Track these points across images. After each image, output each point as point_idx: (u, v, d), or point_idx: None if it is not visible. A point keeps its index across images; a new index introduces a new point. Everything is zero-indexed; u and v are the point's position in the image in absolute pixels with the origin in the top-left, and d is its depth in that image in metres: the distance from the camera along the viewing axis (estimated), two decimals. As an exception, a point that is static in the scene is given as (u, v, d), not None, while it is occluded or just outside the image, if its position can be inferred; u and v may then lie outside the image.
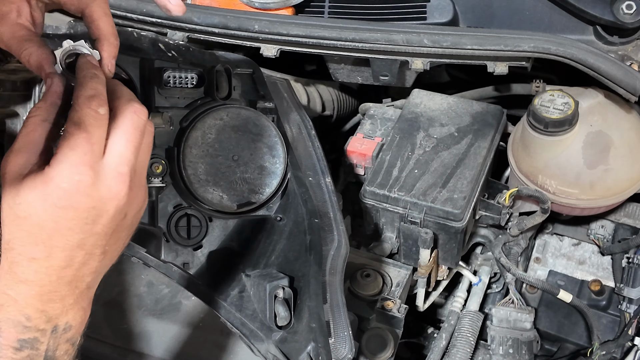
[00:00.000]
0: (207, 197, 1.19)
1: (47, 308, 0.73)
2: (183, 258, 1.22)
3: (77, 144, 0.72)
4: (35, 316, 0.73)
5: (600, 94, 1.47)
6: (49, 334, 0.74)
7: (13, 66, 1.14)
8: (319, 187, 1.22)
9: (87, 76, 0.79)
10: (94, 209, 0.73)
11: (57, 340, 0.75)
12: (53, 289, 0.73)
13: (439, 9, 1.52)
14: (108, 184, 0.74)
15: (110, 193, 0.75)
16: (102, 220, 0.75)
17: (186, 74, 1.21)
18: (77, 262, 0.75)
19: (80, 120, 0.74)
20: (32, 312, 0.72)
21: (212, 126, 1.19)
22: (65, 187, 0.71)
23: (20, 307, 0.72)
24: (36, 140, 0.75)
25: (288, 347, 1.14)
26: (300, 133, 1.25)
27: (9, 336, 0.72)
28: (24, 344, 0.72)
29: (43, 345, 0.73)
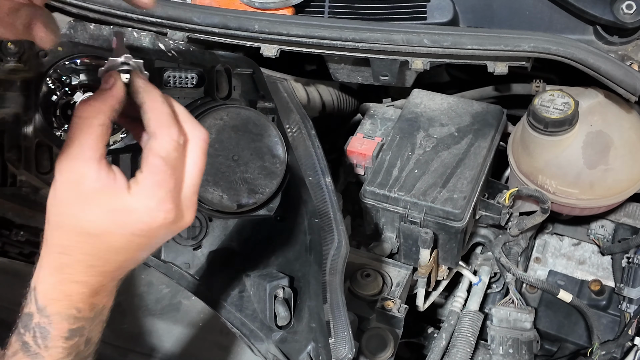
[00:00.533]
0: (207, 197, 1.19)
1: (94, 300, 0.78)
2: (183, 258, 1.23)
3: (163, 181, 0.74)
4: (85, 308, 0.77)
5: (600, 94, 1.47)
6: (91, 320, 0.79)
7: (13, 66, 1.14)
8: (319, 187, 1.23)
9: (156, 100, 0.77)
10: (164, 237, 0.79)
11: (96, 322, 0.80)
12: (102, 286, 0.78)
13: (439, 8, 1.52)
14: (184, 216, 0.78)
15: (182, 223, 0.78)
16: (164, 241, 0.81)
17: (186, 74, 1.21)
18: (126, 267, 0.80)
19: (165, 153, 0.74)
20: (83, 305, 0.76)
21: (212, 126, 1.19)
22: (148, 222, 0.74)
23: (73, 302, 0.76)
24: (94, 145, 0.73)
25: (288, 347, 1.14)
26: (300, 133, 1.25)
27: (61, 327, 0.76)
28: (73, 334, 0.77)
29: (86, 330, 0.78)
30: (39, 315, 0.76)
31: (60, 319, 0.76)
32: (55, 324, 0.76)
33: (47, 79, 1.18)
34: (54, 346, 0.76)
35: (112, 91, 0.75)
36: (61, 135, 1.19)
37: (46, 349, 0.76)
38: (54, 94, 1.19)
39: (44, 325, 0.75)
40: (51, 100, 1.19)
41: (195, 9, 1.48)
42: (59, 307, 0.75)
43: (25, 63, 1.14)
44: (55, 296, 0.75)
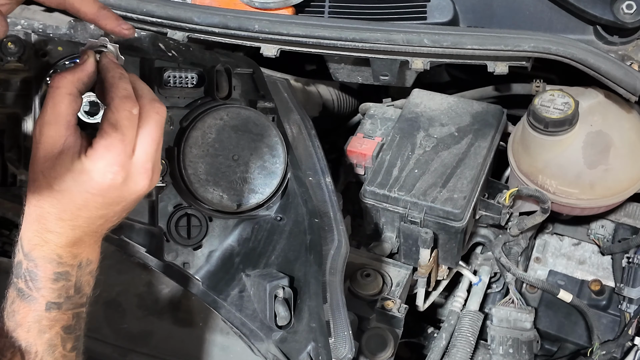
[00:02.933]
0: (207, 197, 1.19)
1: (73, 250, 0.87)
2: (183, 258, 1.22)
3: (112, 145, 0.84)
4: (65, 255, 0.86)
5: (601, 94, 1.47)
6: (76, 268, 0.87)
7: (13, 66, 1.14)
8: (319, 186, 1.22)
9: (115, 76, 0.88)
10: (119, 197, 0.87)
11: (82, 273, 0.89)
12: (77, 239, 0.87)
13: (439, 8, 1.52)
14: (135, 180, 0.87)
15: (136, 187, 0.88)
16: (124, 203, 0.89)
17: (186, 74, 1.21)
18: (97, 224, 0.89)
19: (116, 121, 0.85)
20: (63, 252, 0.86)
21: (212, 126, 1.19)
22: (99, 181, 0.84)
23: (52, 248, 0.85)
24: (63, 112, 0.85)
25: (288, 346, 1.14)
26: (300, 133, 1.25)
27: (47, 270, 0.85)
28: (59, 276, 0.86)
29: (73, 277, 0.87)
30: (26, 261, 0.85)
31: (44, 262, 0.85)
32: (41, 267, 0.85)
33: (47, 78, 1.18)
34: (44, 287, 0.84)
35: (82, 66, 0.89)
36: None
37: (37, 290, 0.84)
38: (54, 94, 1.19)
39: (32, 269, 0.85)
40: (51, 100, 1.19)
41: (195, 9, 1.48)
42: (42, 252, 0.85)
43: (25, 63, 1.14)
44: (37, 242, 0.85)
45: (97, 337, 1.41)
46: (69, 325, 0.87)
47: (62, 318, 0.86)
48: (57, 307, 0.86)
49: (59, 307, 0.86)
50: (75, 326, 0.89)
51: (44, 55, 1.17)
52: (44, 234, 0.85)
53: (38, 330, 0.85)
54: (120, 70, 0.90)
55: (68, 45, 1.19)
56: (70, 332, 0.88)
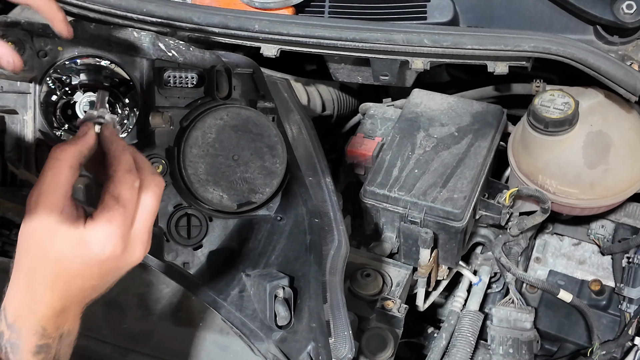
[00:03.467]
0: (207, 197, 1.19)
1: (57, 320, 0.85)
2: (183, 258, 1.22)
3: (114, 217, 0.84)
4: (50, 327, 0.84)
5: (601, 94, 1.47)
6: (58, 340, 0.85)
7: (13, 66, 1.14)
8: (319, 186, 1.23)
9: (118, 149, 0.89)
10: (115, 268, 0.87)
11: (62, 344, 0.86)
12: (64, 309, 0.85)
13: (439, 8, 1.52)
14: (132, 251, 0.87)
15: (132, 258, 0.88)
16: (117, 274, 0.89)
17: (186, 74, 1.21)
18: (86, 295, 0.88)
19: (118, 195, 0.85)
20: (47, 324, 0.83)
21: (212, 126, 1.19)
22: (98, 253, 0.83)
23: (38, 319, 0.83)
24: (62, 183, 0.84)
25: (288, 346, 1.14)
26: (300, 133, 1.25)
27: (30, 342, 0.83)
28: (41, 349, 0.83)
29: (53, 349, 0.85)
30: (9, 332, 0.83)
31: (27, 334, 0.82)
32: (23, 339, 0.82)
33: (47, 78, 1.18)
34: (24, 358, 0.83)
35: (84, 139, 0.88)
36: (61, 135, 1.19)
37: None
38: (54, 94, 1.19)
39: (14, 340, 0.82)
40: (51, 100, 1.19)
41: (195, 9, 1.48)
42: (27, 323, 0.83)
43: (25, 63, 1.14)
44: (22, 313, 0.83)
45: (97, 337, 1.41)
46: None
47: None
48: None
49: None
50: None
51: (44, 55, 1.17)
52: (32, 304, 0.83)
53: None
54: (122, 143, 0.90)
55: (68, 45, 1.19)
56: None
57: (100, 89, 1.20)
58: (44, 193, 0.83)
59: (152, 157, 1.20)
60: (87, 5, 1.46)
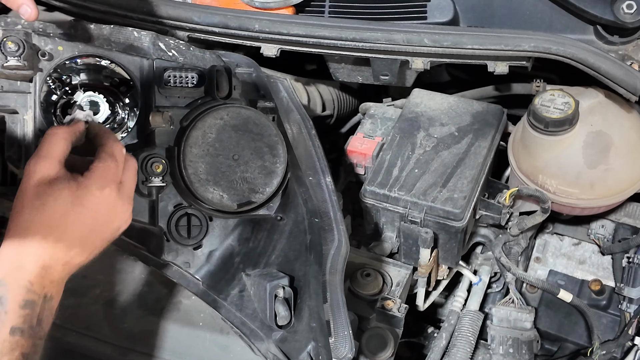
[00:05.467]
0: (207, 197, 1.19)
1: (43, 280, 0.92)
2: (183, 257, 1.22)
3: (109, 167, 1.00)
4: (36, 284, 0.91)
5: (601, 94, 1.47)
6: (42, 300, 0.91)
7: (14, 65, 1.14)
8: (319, 186, 1.22)
9: (107, 130, 1.09)
10: (107, 217, 0.99)
11: (45, 306, 0.92)
12: (51, 266, 0.93)
13: (439, 8, 1.52)
14: (122, 206, 1.01)
15: (122, 214, 1.02)
16: (107, 227, 1.00)
17: (186, 74, 1.21)
18: (75, 252, 0.96)
19: (112, 152, 1.01)
20: (35, 279, 0.91)
21: (213, 125, 1.19)
22: (97, 195, 0.97)
23: (26, 275, 0.90)
24: (58, 150, 0.98)
25: (288, 346, 1.14)
26: (300, 132, 1.25)
27: (17, 295, 0.89)
28: (27, 304, 0.89)
29: (38, 307, 0.91)
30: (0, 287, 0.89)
31: (16, 288, 0.89)
32: (12, 293, 0.89)
33: (47, 78, 1.18)
34: (12, 311, 0.88)
35: (76, 124, 1.06)
36: (61, 135, 1.20)
37: (5, 314, 0.88)
38: (54, 94, 1.19)
39: (3, 294, 0.88)
40: (51, 99, 1.19)
41: (195, 9, 1.48)
42: (15, 278, 0.89)
43: (25, 62, 1.14)
44: (12, 271, 0.90)
45: (97, 337, 1.41)
46: (27, 353, 0.89)
47: (23, 345, 0.88)
48: (21, 333, 0.88)
49: (22, 333, 0.88)
50: (33, 355, 0.90)
51: (44, 55, 1.17)
52: (22, 260, 0.91)
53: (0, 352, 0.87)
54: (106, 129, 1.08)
55: (68, 45, 1.19)
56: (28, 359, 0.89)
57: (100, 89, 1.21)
58: (42, 157, 0.96)
59: (152, 156, 1.20)
60: (88, 4, 1.46)
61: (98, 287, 1.47)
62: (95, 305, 1.45)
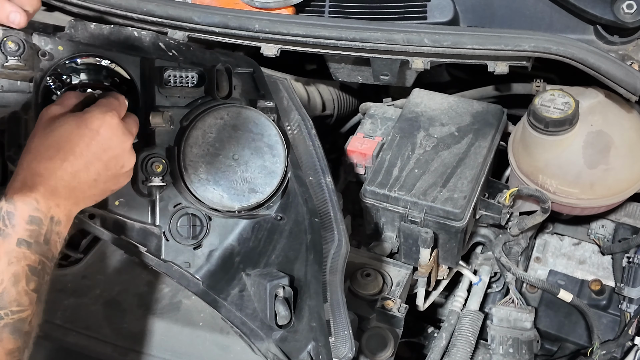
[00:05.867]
0: (207, 197, 1.19)
1: (50, 200, 0.97)
2: (183, 257, 1.22)
3: (111, 101, 1.09)
4: (42, 203, 0.96)
5: (601, 94, 1.47)
6: (49, 221, 0.97)
7: (14, 65, 1.14)
8: (319, 186, 1.23)
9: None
10: (108, 143, 1.04)
11: (52, 228, 0.98)
12: (57, 188, 0.98)
13: (439, 8, 1.52)
14: (123, 132, 1.06)
15: (123, 144, 1.07)
16: (109, 154, 1.05)
17: (187, 73, 1.21)
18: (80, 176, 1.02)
19: (114, 95, 1.12)
20: (41, 198, 0.96)
21: (213, 125, 1.19)
22: (99, 117, 1.04)
23: (34, 192, 0.96)
24: (70, 103, 1.09)
25: (288, 346, 1.14)
26: (300, 132, 1.25)
27: (24, 211, 0.94)
28: (33, 220, 0.95)
29: (44, 227, 0.96)
30: (7, 204, 0.94)
31: (22, 205, 0.94)
32: (18, 209, 0.94)
33: (47, 78, 1.18)
34: (18, 224, 0.93)
35: (87, 94, 1.16)
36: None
37: (12, 227, 0.93)
38: (54, 94, 1.19)
39: (10, 210, 0.94)
40: (51, 99, 1.19)
41: (195, 9, 1.48)
42: (22, 196, 0.95)
43: (25, 62, 1.14)
44: (20, 190, 0.95)
45: (97, 337, 1.41)
46: (34, 267, 0.94)
47: (29, 257, 0.93)
48: (27, 246, 0.93)
49: (28, 245, 0.93)
50: (40, 272, 0.95)
51: (44, 54, 1.17)
52: (30, 180, 0.97)
53: (7, 262, 0.91)
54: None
55: (68, 45, 1.19)
56: (34, 274, 0.94)
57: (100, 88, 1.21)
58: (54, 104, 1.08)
59: (152, 156, 1.20)
60: (88, 4, 1.46)
61: (98, 287, 1.47)
62: (95, 305, 1.45)
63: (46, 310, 0.98)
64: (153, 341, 1.40)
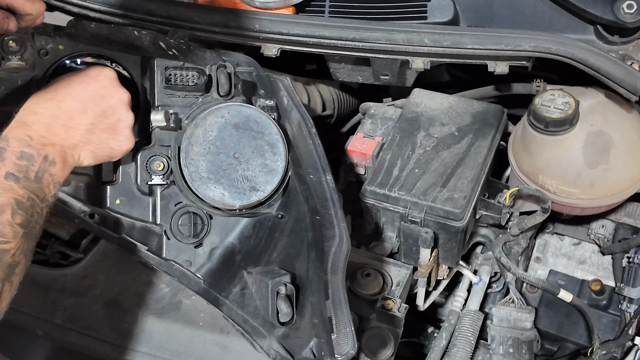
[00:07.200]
0: (208, 195, 1.19)
1: (44, 138, 0.99)
2: (184, 256, 1.23)
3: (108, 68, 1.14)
4: (36, 139, 0.98)
5: (601, 94, 1.47)
6: (42, 159, 0.97)
7: (14, 64, 1.15)
8: (320, 184, 1.22)
9: None
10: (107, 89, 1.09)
11: (45, 168, 0.98)
12: (52, 125, 1.01)
13: (439, 8, 1.52)
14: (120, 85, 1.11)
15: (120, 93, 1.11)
16: (107, 102, 1.08)
17: (187, 72, 1.21)
18: (76, 117, 1.04)
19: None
20: (34, 135, 0.98)
21: (214, 124, 1.20)
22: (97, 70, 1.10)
23: (28, 129, 0.98)
24: None
25: (291, 343, 1.14)
26: (300, 131, 1.25)
27: (14, 147, 0.95)
28: (24, 155, 0.95)
29: (36, 164, 0.97)
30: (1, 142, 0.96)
31: (15, 140, 0.96)
32: (10, 145, 0.95)
33: (47, 77, 1.18)
34: (8, 159, 0.94)
35: None
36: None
37: (2, 161, 0.94)
38: (54, 92, 1.19)
39: (2, 146, 0.95)
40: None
41: (196, 8, 1.48)
42: (16, 133, 0.97)
43: (26, 61, 1.15)
44: (14, 127, 0.98)
45: (97, 337, 1.41)
46: (21, 202, 0.93)
47: (17, 192, 0.93)
48: (15, 180, 0.93)
49: (16, 179, 0.93)
50: (28, 208, 0.94)
51: (45, 53, 1.17)
52: (27, 116, 1.00)
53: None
54: None
55: (69, 44, 1.19)
56: (21, 208, 0.93)
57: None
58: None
59: (153, 155, 1.20)
60: (88, 4, 1.46)
61: (98, 287, 1.47)
62: (95, 305, 1.45)
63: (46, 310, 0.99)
64: (153, 341, 1.40)
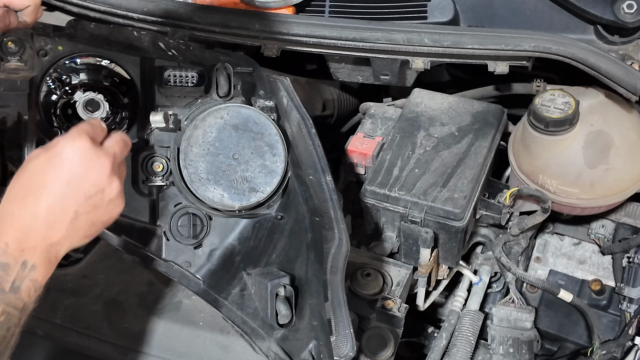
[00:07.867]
0: (207, 196, 1.19)
1: (22, 242, 0.88)
2: (184, 257, 1.23)
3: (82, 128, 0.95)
4: (12, 246, 0.87)
5: (601, 94, 1.47)
6: (19, 266, 0.87)
7: (14, 65, 1.15)
8: (320, 185, 1.22)
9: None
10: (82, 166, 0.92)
11: (23, 275, 0.87)
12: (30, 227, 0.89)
13: (439, 8, 1.52)
14: (98, 156, 0.93)
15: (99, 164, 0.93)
16: (86, 182, 0.92)
17: (186, 73, 1.21)
18: (57, 211, 0.91)
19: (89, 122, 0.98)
20: (11, 241, 0.87)
21: (213, 125, 1.19)
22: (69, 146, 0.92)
23: (4, 235, 0.87)
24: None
25: (290, 345, 1.14)
26: (300, 131, 1.25)
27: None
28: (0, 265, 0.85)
29: (13, 273, 0.86)
30: None
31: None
32: None
33: (47, 78, 1.18)
34: None
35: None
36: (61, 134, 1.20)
37: None
38: (54, 94, 1.20)
39: None
40: (51, 99, 1.19)
41: (195, 8, 1.48)
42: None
43: (25, 62, 1.15)
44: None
45: (97, 337, 1.41)
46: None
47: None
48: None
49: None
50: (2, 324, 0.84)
51: (44, 54, 1.17)
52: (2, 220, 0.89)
53: None
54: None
55: (68, 45, 1.19)
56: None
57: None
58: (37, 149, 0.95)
59: (153, 156, 1.20)
60: (88, 4, 1.46)
61: (98, 287, 1.47)
62: (95, 305, 1.45)
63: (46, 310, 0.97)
64: (153, 341, 1.40)
